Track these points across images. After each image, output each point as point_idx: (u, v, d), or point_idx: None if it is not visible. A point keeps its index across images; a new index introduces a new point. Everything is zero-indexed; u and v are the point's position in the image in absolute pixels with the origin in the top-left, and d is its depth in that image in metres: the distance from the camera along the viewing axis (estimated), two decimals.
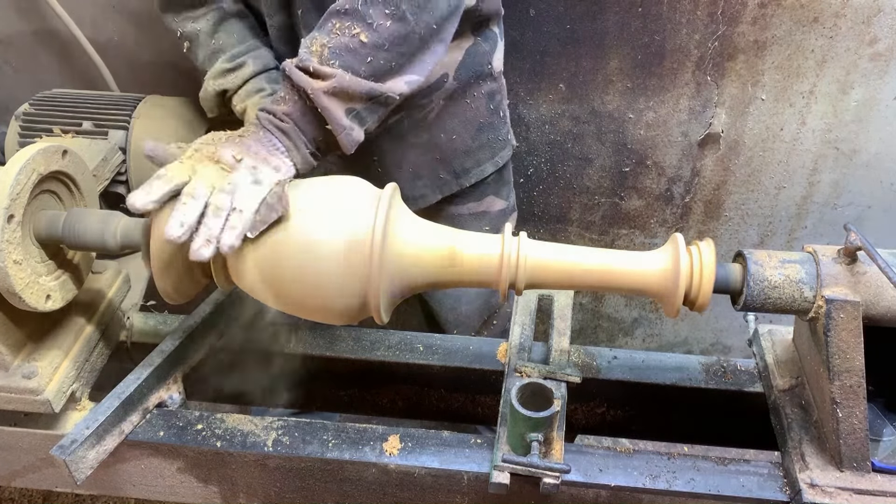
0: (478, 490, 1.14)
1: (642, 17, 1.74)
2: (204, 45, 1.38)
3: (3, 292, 1.05)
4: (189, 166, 1.04)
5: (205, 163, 1.04)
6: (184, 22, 1.39)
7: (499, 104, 1.53)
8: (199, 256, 0.98)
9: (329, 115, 1.10)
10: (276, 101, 1.12)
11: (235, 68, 1.36)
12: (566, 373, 1.22)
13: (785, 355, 1.27)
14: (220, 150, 1.05)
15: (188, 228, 0.98)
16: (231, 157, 1.04)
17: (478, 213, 1.61)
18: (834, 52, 1.75)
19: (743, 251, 1.08)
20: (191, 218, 0.99)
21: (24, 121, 1.54)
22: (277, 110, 1.10)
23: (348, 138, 1.13)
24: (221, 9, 1.38)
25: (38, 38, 1.93)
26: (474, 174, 1.54)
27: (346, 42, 1.10)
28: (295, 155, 1.10)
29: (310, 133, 1.12)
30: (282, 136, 1.10)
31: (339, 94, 1.10)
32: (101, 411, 1.13)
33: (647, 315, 2.33)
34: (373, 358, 1.37)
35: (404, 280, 1.07)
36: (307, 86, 1.08)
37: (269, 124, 1.10)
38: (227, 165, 1.04)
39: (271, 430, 1.18)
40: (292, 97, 1.11)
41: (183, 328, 1.30)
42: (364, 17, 1.10)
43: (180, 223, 0.98)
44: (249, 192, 1.02)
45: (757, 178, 1.98)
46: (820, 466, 1.08)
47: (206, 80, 1.38)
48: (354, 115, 1.13)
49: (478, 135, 1.51)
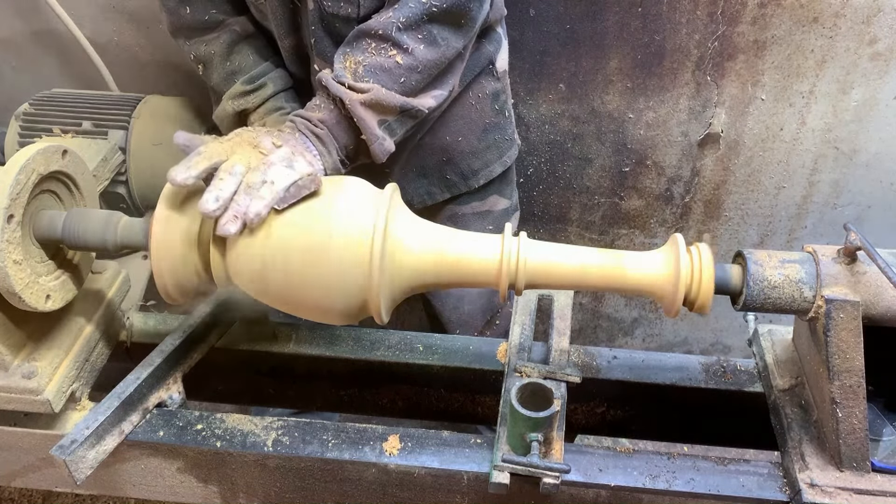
0: (478, 490, 1.14)
1: (642, 17, 1.74)
2: (219, 68, 1.38)
3: (3, 292, 1.05)
4: (228, 146, 1.06)
5: (244, 146, 1.07)
6: (196, 45, 1.39)
7: (504, 104, 1.54)
8: (226, 231, 1.00)
9: (364, 125, 1.17)
10: (312, 108, 1.18)
11: (256, 89, 1.37)
12: (566, 373, 1.22)
13: (785, 355, 1.27)
14: (260, 137, 1.09)
15: (223, 203, 1.00)
16: (270, 143, 1.08)
17: (481, 213, 1.61)
18: (834, 52, 1.75)
19: (743, 251, 1.08)
20: (226, 193, 1.00)
21: (24, 121, 1.54)
22: (313, 117, 1.16)
23: (380, 148, 1.21)
24: (234, 31, 1.38)
25: (38, 38, 1.93)
26: (483, 175, 1.55)
27: (382, 62, 1.18)
28: (326, 160, 1.15)
29: (342, 140, 1.18)
30: (316, 141, 1.15)
31: (374, 105, 1.17)
32: (101, 411, 1.13)
33: (647, 315, 2.33)
34: (373, 358, 1.37)
35: (404, 280, 1.07)
36: (345, 96, 1.15)
37: (305, 129, 1.15)
38: (265, 149, 1.07)
39: (271, 430, 1.18)
40: (328, 105, 1.18)
41: (183, 328, 1.30)
42: (399, 42, 1.18)
43: (216, 198, 1.00)
44: (282, 172, 1.04)
45: (757, 178, 1.98)
46: (820, 466, 1.08)
47: (224, 101, 1.39)
48: (386, 126, 1.20)
49: (484, 135, 1.52)
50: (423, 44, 1.19)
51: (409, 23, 1.18)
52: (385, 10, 1.21)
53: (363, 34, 1.20)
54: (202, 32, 1.38)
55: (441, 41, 1.21)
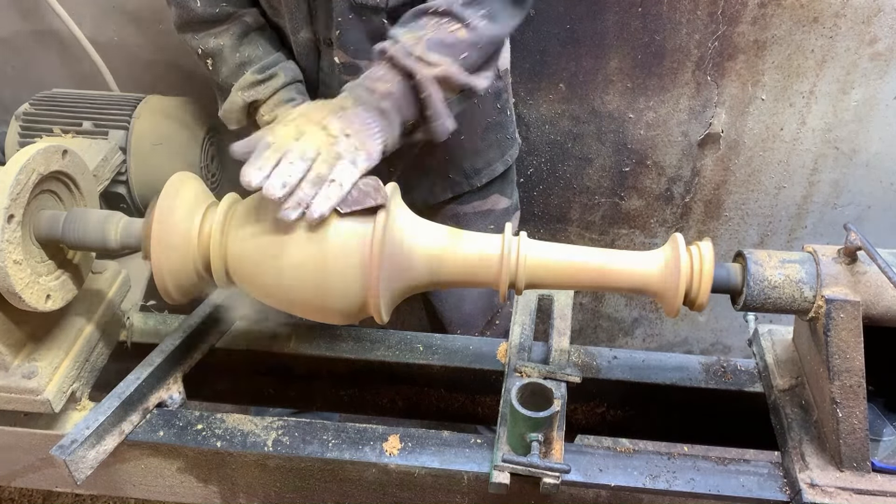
0: (478, 490, 1.14)
1: (642, 17, 1.74)
2: (228, 60, 1.36)
3: (3, 292, 1.05)
4: (295, 128, 1.04)
5: (312, 127, 1.04)
6: (205, 39, 1.36)
7: (505, 103, 1.54)
8: (287, 217, 0.99)
9: (431, 102, 1.13)
10: (374, 79, 1.12)
11: (267, 79, 1.34)
12: (566, 373, 1.22)
13: (785, 355, 1.27)
14: (330, 119, 1.06)
15: (289, 190, 0.98)
16: (339, 129, 1.05)
17: (483, 212, 1.61)
18: (834, 52, 1.75)
19: (743, 251, 1.08)
20: (294, 180, 0.99)
21: (24, 121, 1.54)
22: (378, 89, 1.11)
23: (443, 126, 1.17)
24: (244, 22, 1.36)
25: (38, 38, 1.93)
26: (485, 174, 1.55)
27: (444, 37, 1.14)
28: (389, 136, 1.11)
29: (406, 114, 1.14)
30: (379, 116, 1.10)
31: (444, 81, 1.14)
32: (101, 411, 1.13)
33: (647, 315, 2.33)
34: (373, 358, 1.37)
35: (404, 280, 1.07)
36: (416, 70, 1.11)
37: (369, 103, 1.10)
38: (334, 133, 1.04)
39: (271, 430, 1.18)
40: (394, 78, 1.12)
41: (183, 328, 1.30)
42: (462, 17, 1.15)
43: (283, 184, 0.98)
44: (348, 170, 1.02)
45: (757, 178, 1.98)
46: (820, 466, 1.08)
47: (234, 92, 1.35)
48: (448, 104, 1.17)
49: (486, 134, 1.52)
50: (485, 20, 1.17)
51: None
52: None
53: (421, 13, 1.17)
54: (211, 25, 1.35)
55: (501, 18, 1.19)
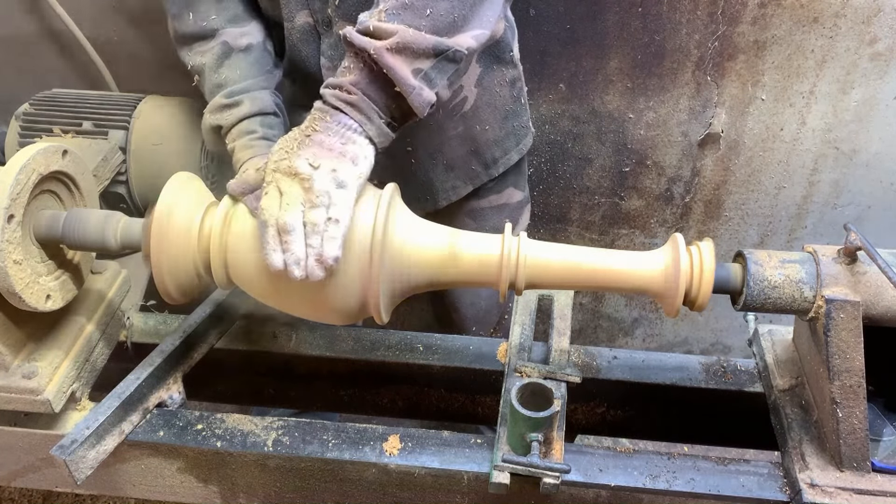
0: (478, 490, 1.14)
1: (642, 17, 1.74)
2: (208, 79, 1.34)
3: (3, 292, 1.05)
4: (274, 191, 1.00)
5: (286, 181, 0.99)
6: (193, 56, 1.35)
7: (520, 91, 1.54)
8: (317, 277, 0.98)
9: (395, 75, 1.02)
10: (341, 72, 1.06)
11: (231, 105, 1.30)
12: (566, 373, 1.22)
13: (785, 355, 1.27)
14: (295, 161, 1.00)
15: (304, 263, 0.98)
16: (307, 167, 0.99)
17: (499, 206, 1.61)
18: (834, 52, 1.75)
19: (743, 251, 1.08)
20: (300, 253, 0.97)
21: (24, 121, 1.54)
22: (343, 82, 1.04)
23: (419, 98, 1.05)
24: (226, 43, 1.33)
25: (38, 38, 1.93)
26: (502, 163, 1.55)
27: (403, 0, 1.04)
28: (370, 128, 1.04)
29: (381, 101, 1.05)
30: (351, 110, 1.03)
31: (404, 50, 1.03)
32: (101, 411, 1.13)
33: (647, 315, 2.33)
34: (373, 358, 1.37)
35: (404, 280, 1.07)
36: (369, 46, 1.02)
37: (336, 100, 1.04)
38: (306, 177, 0.98)
39: (271, 430, 1.18)
40: (357, 64, 1.04)
41: (183, 328, 1.30)
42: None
43: (296, 262, 0.97)
44: (339, 198, 0.99)
45: (757, 178, 1.98)
46: (820, 466, 1.08)
47: (205, 113, 1.33)
48: (423, 76, 1.05)
49: (504, 123, 1.52)
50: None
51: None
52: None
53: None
54: (199, 41, 1.35)
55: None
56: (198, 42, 1.36)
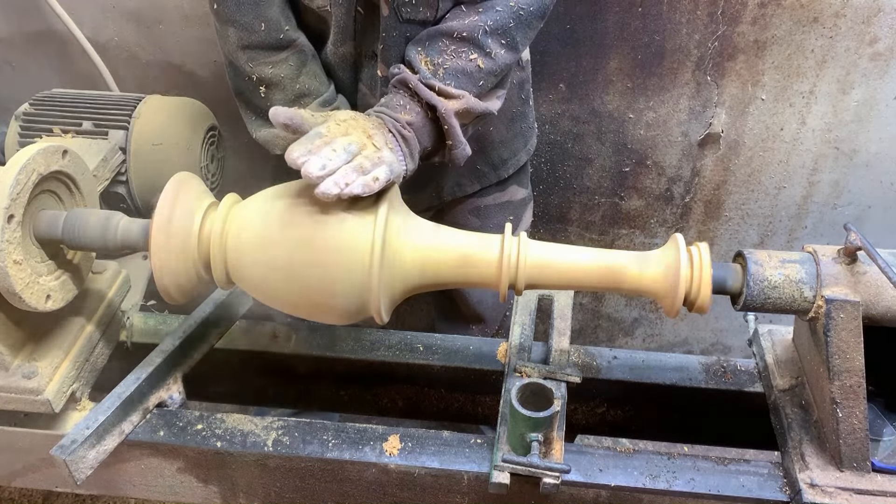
0: (478, 490, 1.14)
1: (642, 17, 1.74)
2: (287, 89, 1.33)
3: (3, 292, 1.05)
4: (344, 128, 1.06)
5: (359, 132, 1.07)
6: (262, 67, 1.31)
7: (528, 93, 1.56)
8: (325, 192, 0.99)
9: (453, 133, 1.19)
10: (397, 107, 1.16)
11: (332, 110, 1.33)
12: (566, 373, 1.22)
13: (785, 355, 1.27)
14: (375, 130, 1.10)
15: (327, 173, 1.00)
16: (384, 142, 1.09)
17: (502, 203, 1.62)
18: (834, 52, 1.75)
19: (743, 251, 1.08)
20: (333, 165, 1.00)
21: (24, 121, 1.54)
22: (402, 119, 1.15)
23: (462, 153, 1.23)
24: (303, 52, 1.33)
25: (38, 38, 1.93)
26: (511, 164, 1.57)
27: (463, 65, 1.18)
28: (409, 161, 1.14)
29: (425, 144, 1.18)
30: (402, 142, 1.14)
31: (464, 114, 1.19)
32: (101, 411, 1.13)
33: (647, 315, 2.33)
34: (373, 358, 1.37)
35: (404, 280, 1.07)
36: (439, 104, 1.16)
37: (395, 129, 1.14)
38: (377, 146, 1.07)
39: (271, 430, 1.18)
40: (414, 108, 1.16)
41: (183, 328, 1.30)
42: (483, 45, 1.19)
43: (322, 166, 0.99)
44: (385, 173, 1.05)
45: (757, 178, 1.98)
46: (820, 466, 1.08)
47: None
48: (465, 130, 1.22)
49: (511, 124, 1.53)
50: (504, 48, 1.20)
51: (496, 27, 1.18)
52: (467, 13, 1.20)
53: (440, 34, 1.19)
54: (270, 52, 1.31)
55: (520, 45, 1.23)
56: (267, 53, 1.31)
